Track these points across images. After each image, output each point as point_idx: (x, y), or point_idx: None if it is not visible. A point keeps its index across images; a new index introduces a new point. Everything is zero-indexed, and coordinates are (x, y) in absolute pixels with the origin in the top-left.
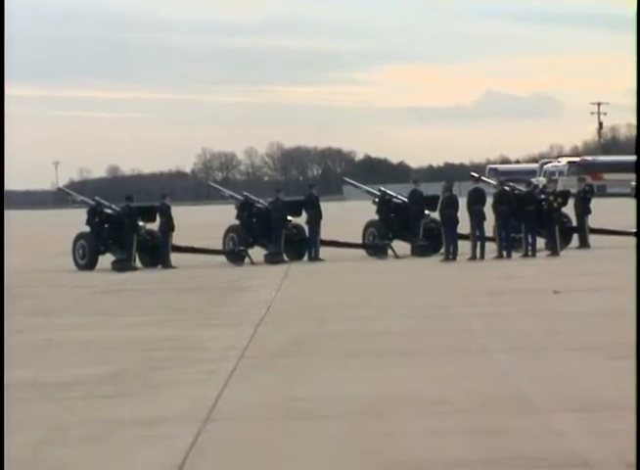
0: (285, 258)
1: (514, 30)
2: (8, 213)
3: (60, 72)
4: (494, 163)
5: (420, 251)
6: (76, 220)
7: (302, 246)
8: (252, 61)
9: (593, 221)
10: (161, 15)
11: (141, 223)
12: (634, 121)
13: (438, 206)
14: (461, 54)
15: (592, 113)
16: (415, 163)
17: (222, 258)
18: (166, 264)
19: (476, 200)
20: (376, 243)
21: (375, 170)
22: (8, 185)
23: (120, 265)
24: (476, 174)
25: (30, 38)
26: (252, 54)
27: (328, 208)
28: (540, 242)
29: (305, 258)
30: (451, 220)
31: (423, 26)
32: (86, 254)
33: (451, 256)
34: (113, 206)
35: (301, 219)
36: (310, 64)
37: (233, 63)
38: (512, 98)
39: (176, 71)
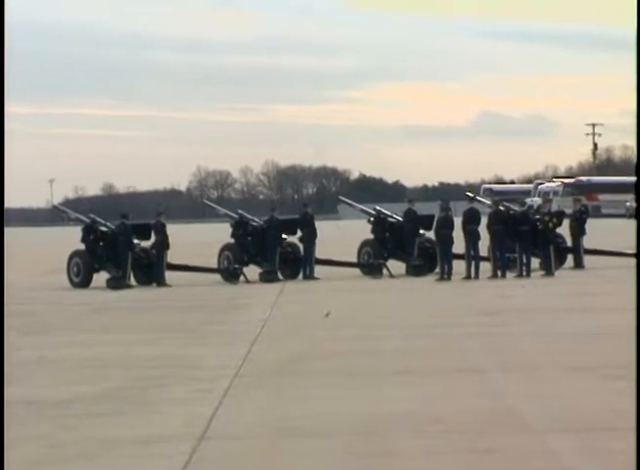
0: (280, 276)
1: (509, 50)
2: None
3: (55, 90)
4: (489, 182)
5: (415, 270)
6: (71, 238)
7: (297, 264)
8: (246, 80)
9: (588, 242)
10: (156, 34)
11: (136, 241)
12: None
13: (434, 225)
14: (455, 73)
15: (587, 134)
16: (410, 182)
17: (217, 277)
18: (161, 282)
19: (471, 220)
20: (371, 262)
21: (370, 190)
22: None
23: (115, 283)
24: (471, 194)
25: (26, 56)
26: (246, 73)
27: (323, 226)
28: (535, 262)
29: (300, 276)
30: (446, 240)
31: (417, 45)
32: (81, 271)
33: (446, 275)
34: (107, 223)
35: (296, 238)
36: (304, 82)
37: (227, 82)
38: (506, 118)
39: (170, 90)
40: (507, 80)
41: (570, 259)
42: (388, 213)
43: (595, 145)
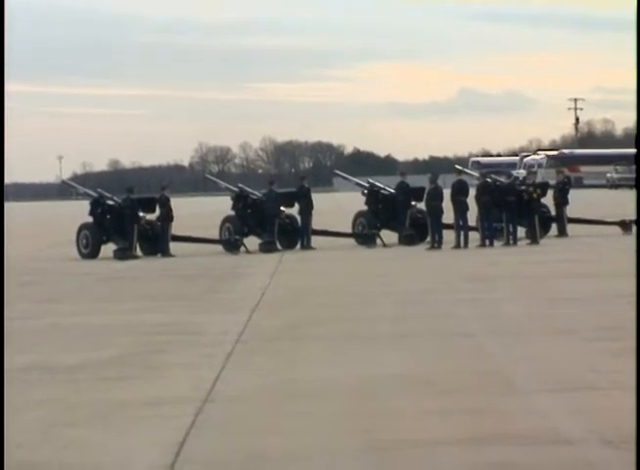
0: (278, 246)
1: (485, 30)
2: (14, 205)
3: (62, 71)
4: (477, 156)
5: (407, 240)
6: (80, 211)
7: (295, 235)
8: (240, 60)
9: (571, 211)
10: (158, 16)
11: (141, 214)
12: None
13: (424, 197)
14: (434, 53)
15: (569, 108)
16: (401, 156)
17: (219, 247)
18: (166, 253)
19: (459, 191)
20: (365, 232)
21: (363, 163)
22: (14, 178)
23: (122, 254)
24: (459, 167)
25: (33, 39)
26: (239, 53)
27: (319, 199)
28: (521, 231)
29: (298, 246)
30: (436, 211)
31: (399, 26)
32: (89, 243)
33: (437, 244)
34: (114, 197)
35: (294, 210)
36: (294, 62)
37: (222, 62)
38: (485, 95)
39: (171, 70)
40: (484, 59)
41: (554, 228)
42: (381, 186)
43: (577, 119)
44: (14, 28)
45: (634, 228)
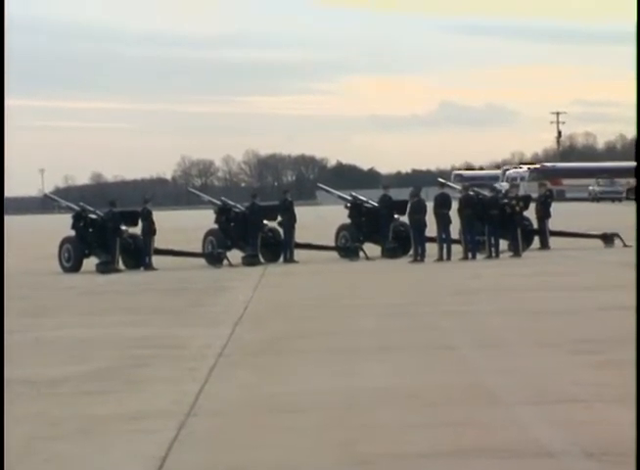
0: (261, 259)
1: (464, 43)
2: None
3: (41, 84)
4: (459, 169)
5: (390, 252)
6: (62, 225)
7: (278, 248)
8: (219, 73)
9: (553, 224)
10: (142, 29)
11: (124, 227)
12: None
13: (407, 210)
14: (414, 66)
15: (551, 122)
16: (384, 169)
17: (202, 261)
18: (148, 267)
19: (442, 204)
20: (348, 245)
21: (346, 176)
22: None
23: (104, 268)
24: (442, 180)
25: (15, 51)
26: (219, 66)
27: (302, 212)
28: (503, 244)
29: (281, 259)
30: (419, 224)
31: (378, 40)
32: (71, 257)
33: (419, 257)
34: (96, 211)
35: (277, 223)
36: (277, 75)
37: (201, 75)
38: (466, 108)
39: (154, 83)
40: (465, 72)
41: (536, 241)
42: (364, 199)
43: (559, 132)
44: None
45: (616, 241)
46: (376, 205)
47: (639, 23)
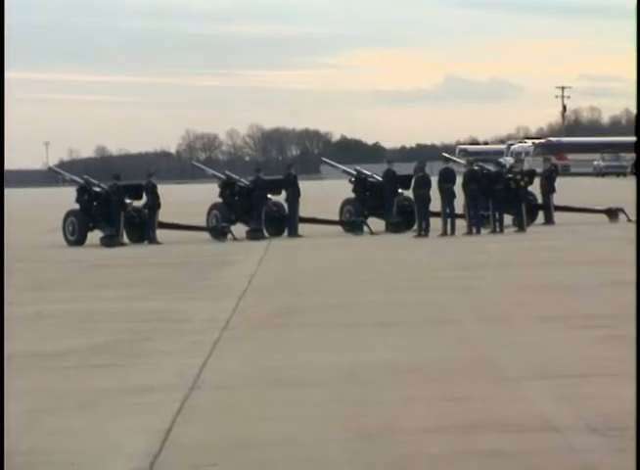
0: (265, 234)
1: (470, 18)
2: None
3: (49, 58)
4: (464, 143)
5: (394, 227)
6: (66, 198)
7: (282, 222)
8: (227, 47)
9: (558, 199)
10: (144, 2)
11: (128, 201)
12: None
13: (412, 185)
14: (419, 40)
15: (556, 96)
16: (388, 143)
17: (206, 235)
18: (153, 240)
19: (446, 179)
20: (352, 220)
21: (351, 151)
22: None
23: (109, 241)
24: (447, 155)
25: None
26: (224, 40)
27: (306, 186)
28: (508, 219)
29: (285, 234)
30: (423, 199)
31: (383, 14)
32: (76, 230)
33: (423, 232)
34: (101, 184)
35: (281, 197)
36: (280, 49)
37: (208, 49)
38: (471, 82)
39: (158, 57)
40: (469, 47)
41: (540, 216)
42: (369, 174)
43: (564, 107)
44: None
45: (621, 216)
46: (380, 179)
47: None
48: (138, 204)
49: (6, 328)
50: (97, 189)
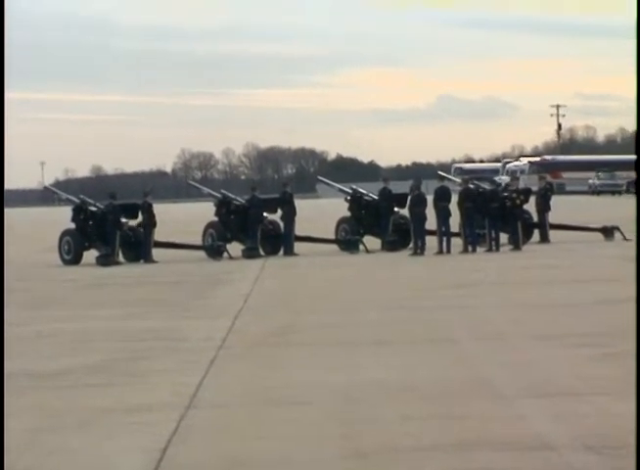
0: (261, 252)
1: (465, 37)
2: None
3: (45, 77)
4: (459, 162)
5: (390, 246)
6: (62, 218)
7: (278, 241)
8: (222, 66)
9: (553, 217)
10: (140, 22)
11: (124, 220)
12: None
13: (407, 203)
14: (412, 59)
15: (551, 115)
16: (384, 162)
17: (202, 253)
18: (148, 259)
19: (442, 197)
20: (348, 238)
21: (346, 169)
22: None
23: (104, 260)
24: (442, 173)
25: (14, 44)
26: (217, 60)
27: (302, 205)
28: (503, 237)
29: (281, 252)
30: (419, 217)
31: (376, 33)
32: (71, 249)
33: (419, 250)
34: (97, 203)
35: (277, 216)
36: (276, 68)
37: (201, 68)
38: (465, 101)
39: (154, 76)
40: (464, 66)
41: (536, 234)
42: (364, 192)
43: (559, 125)
44: None
45: (616, 234)
46: (376, 198)
47: (639, 18)
48: (134, 223)
49: (6, 348)
50: (93, 208)
